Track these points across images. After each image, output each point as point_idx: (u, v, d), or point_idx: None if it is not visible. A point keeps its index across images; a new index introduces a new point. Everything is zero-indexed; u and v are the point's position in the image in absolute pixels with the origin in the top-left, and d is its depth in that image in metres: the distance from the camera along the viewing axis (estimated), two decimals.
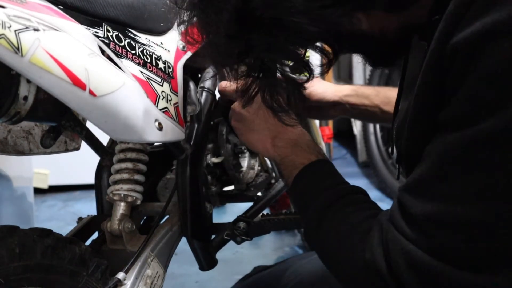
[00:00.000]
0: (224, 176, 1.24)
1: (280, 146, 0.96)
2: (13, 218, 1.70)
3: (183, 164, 1.00)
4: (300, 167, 0.91)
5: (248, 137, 1.02)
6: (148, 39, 0.92)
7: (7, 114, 0.76)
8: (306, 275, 1.13)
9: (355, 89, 1.28)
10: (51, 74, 0.68)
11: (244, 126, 1.02)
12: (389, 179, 2.73)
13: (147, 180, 1.05)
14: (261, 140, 0.99)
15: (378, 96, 1.28)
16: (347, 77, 3.76)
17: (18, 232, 0.82)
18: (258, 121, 1.00)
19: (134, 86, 0.83)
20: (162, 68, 0.92)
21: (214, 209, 1.12)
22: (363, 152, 3.10)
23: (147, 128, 0.83)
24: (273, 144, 0.97)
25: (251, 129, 1.01)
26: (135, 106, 0.81)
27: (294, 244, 2.22)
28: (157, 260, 0.97)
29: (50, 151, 1.05)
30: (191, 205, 1.01)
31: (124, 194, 1.00)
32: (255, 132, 1.00)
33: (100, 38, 0.82)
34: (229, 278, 1.81)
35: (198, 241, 1.05)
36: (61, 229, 0.95)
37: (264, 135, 0.99)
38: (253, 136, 1.01)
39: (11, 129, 1.01)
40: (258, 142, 1.00)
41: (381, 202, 1.24)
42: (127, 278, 0.90)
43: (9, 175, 1.71)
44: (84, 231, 1.03)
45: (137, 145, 1.03)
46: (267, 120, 0.98)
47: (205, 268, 1.09)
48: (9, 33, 0.64)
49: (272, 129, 0.98)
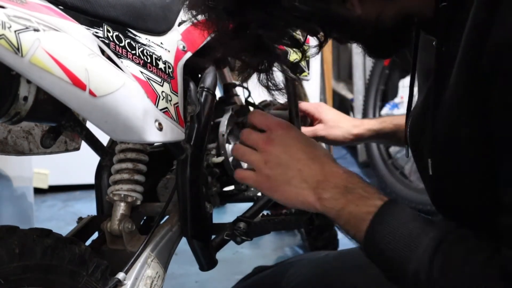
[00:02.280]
0: (224, 176, 1.24)
1: (329, 197, 0.80)
2: (13, 218, 1.70)
3: (183, 164, 1.00)
4: (367, 218, 0.76)
5: (282, 195, 0.84)
6: (148, 39, 0.92)
7: (7, 115, 0.76)
8: (307, 276, 1.13)
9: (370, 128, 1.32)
10: (51, 75, 0.68)
11: (271, 182, 0.85)
12: (389, 179, 2.73)
13: (147, 180, 1.05)
14: (300, 194, 0.82)
15: (392, 123, 1.30)
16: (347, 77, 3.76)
17: (18, 232, 0.82)
18: (288, 171, 0.83)
19: (134, 86, 0.83)
20: (162, 68, 0.92)
21: (214, 209, 1.12)
22: (363, 152, 3.09)
23: (147, 128, 0.83)
24: (319, 197, 0.81)
25: (281, 183, 0.84)
26: (135, 106, 0.81)
27: (294, 244, 2.22)
28: (157, 260, 0.97)
29: (50, 151, 1.05)
30: (191, 205, 1.01)
31: (124, 194, 1.00)
32: (289, 185, 0.83)
33: (100, 38, 0.82)
34: (229, 278, 1.81)
35: (198, 241, 1.05)
36: (61, 229, 0.95)
37: (301, 187, 0.82)
38: (288, 190, 0.83)
39: (11, 129, 1.01)
40: (298, 197, 0.83)
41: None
42: (127, 278, 0.90)
43: (9, 175, 1.71)
44: (84, 231, 1.03)
45: (137, 145, 1.03)
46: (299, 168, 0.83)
47: (205, 268, 1.09)
48: (9, 34, 0.64)
49: (310, 179, 0.82)
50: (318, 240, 1.88)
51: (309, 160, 0.83)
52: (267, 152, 0.85)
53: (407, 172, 2.71)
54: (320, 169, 0.82)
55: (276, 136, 0.85)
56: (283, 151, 0.84)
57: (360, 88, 3.18)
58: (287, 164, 0.83)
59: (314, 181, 0.82)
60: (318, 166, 0.83)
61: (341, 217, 0.80)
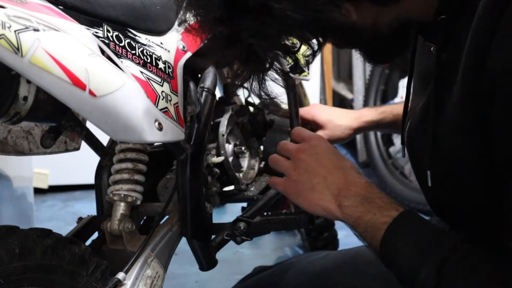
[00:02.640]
0: (224, 176, 1.24)
1: (349, 205, 0.83)
2: (13, 218, 1.70)
3: (183, 164, 1.00)
4: (383, 227, 0.79)
5: (305, 200, 0.87)
6: (148, 39, 0.92)
7: (7, 114, 0.76)
8: (307, 276, 1.13)
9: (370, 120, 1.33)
10: (51, 74, 0.68)
11: (297, 187, 0.88)
12: (389, 179, 2.73)
13: (147, 180, 1.05)
14: (322, 200, 0.85)
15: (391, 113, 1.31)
16: (347, 77, 3.76)
17: (18, 232, 0.82)
18: (313, 177, 0.86)
19: (134, 86, 0.83)
20: (162, 68, 0.92)
21: (214, 209, 1.12)
22: (363, 152, 3.09)
23: (147, 128, 0.83)
24: (339, 204, 0.84)
25: (306, 188, 0.87)
26: (135, 106, 0.81)
27: (294, 244, 2.22)
28: (157, 260, 0.97)
29: (50, 151, 1.05)
30: (191, 205, 1.01)
31: (124, 194, 1.00)
32: (313, 191, 0.86)
33: (100, 38, 0.82)
34: (229, 278, 1.81)
35: (198, 241, 1.05)
36: (61, 229, 0.95)
37: (324, 194, 0.85)
38: (311, 196, 0.86)
39: (11, 129, 1.01)
40: (319, 203, 0.86)
41: None
42: (127, 278, 0.90)
43: (9, 175, 1.71)
44: (84, 231, 1.03)
45: (137, 145, 1.03)
46: (324, 175, 0.86)
47: (205, 268, 1.09)
48: (9, 33, 0.64)
49: (332, 186, 0.85)
50: (318, 240, 1.88)
51: (334, 168, 0.86)
52: (298, 160, 0.89)
53: (407, 172, 2.71)
54: (343, 177, 0.85)
55: (308, 146, 0.89)
56: (312, 159, 0.88)
57: (360, 88, 3.17)
58: (313, 171, 0.87)
59: (336, 188, 0.85)
60: (341, 175, 0.85)
61: (359, 225, 0.82)
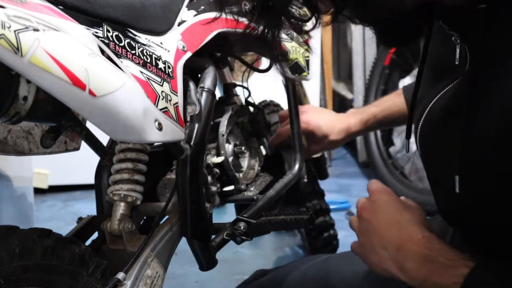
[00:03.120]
0: (224, 176, 1.24)
1: (410, 268, 0.77)
2: (13, 218, 1.70)
3: (183, 164, 1.00)
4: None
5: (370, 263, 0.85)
6: (148, 39, 0.92)
7: (7, 114, 0.76)
8: (308, 281, 1.12)
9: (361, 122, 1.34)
10: (51, 74, 0.68)
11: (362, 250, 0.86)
12: (389, 179, 2.73)
13: (147, 180, 1.05)
14: (383, 263, 0.81)
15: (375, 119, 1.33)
16: (347, 77, 3.76)
17: (18, 232, 0.82)
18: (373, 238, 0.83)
19: (134, 86, 0.83)
20: (162, 68, 0.92)
21: (214, 209, 1.12)
22: (363, 152, 3.09)
23: (147, 128, 0.83)
24: (400, 267, 0.78)
25: (368, 250, 0.84)
26: (135, 106, 0.81)
27: (294, 244, 2.22)
28: (157, 260, 0.97)
29: (50, 151, 1.05)
30: (191, 205, 1.01)
31: (124, 194, 1.00)
32: (374, 253, 0.83)
33: (100, 38, 0.82)
34: (229, 278, 1.82)
35: (198, 241, 1.05)
36: (61, 229, 0.94)
37: (383, 256, 0.81)
38: (374, 258, 0.83)
39: (11, 129, 1.01)
40: (381, 265, 0.82)
41: None
42: (127, 278, 0.90)
43: (9, 175, 1.71)
44: (84, 231, 1.03)
45: (137, 145, 1.03)
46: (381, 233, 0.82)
47: (205, 268, 1.09)
48: (8, 33, 0.64)
49: (389, 246, 0.80)
50: (318, 240, 1.87)
51: (389, 225, 0.82)
52: (361, 219, 0.87)
53: (407, 172, 2.71)
54: (398, 235, 0.80)
55: (371, 203, 0.87)
56: (372, 216, 0.85)
57: (360, 88, 3.18)
58: (372, 231, 0.83)
59: (393, 249, 0.80)
60: (396, 232, 0.81)
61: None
